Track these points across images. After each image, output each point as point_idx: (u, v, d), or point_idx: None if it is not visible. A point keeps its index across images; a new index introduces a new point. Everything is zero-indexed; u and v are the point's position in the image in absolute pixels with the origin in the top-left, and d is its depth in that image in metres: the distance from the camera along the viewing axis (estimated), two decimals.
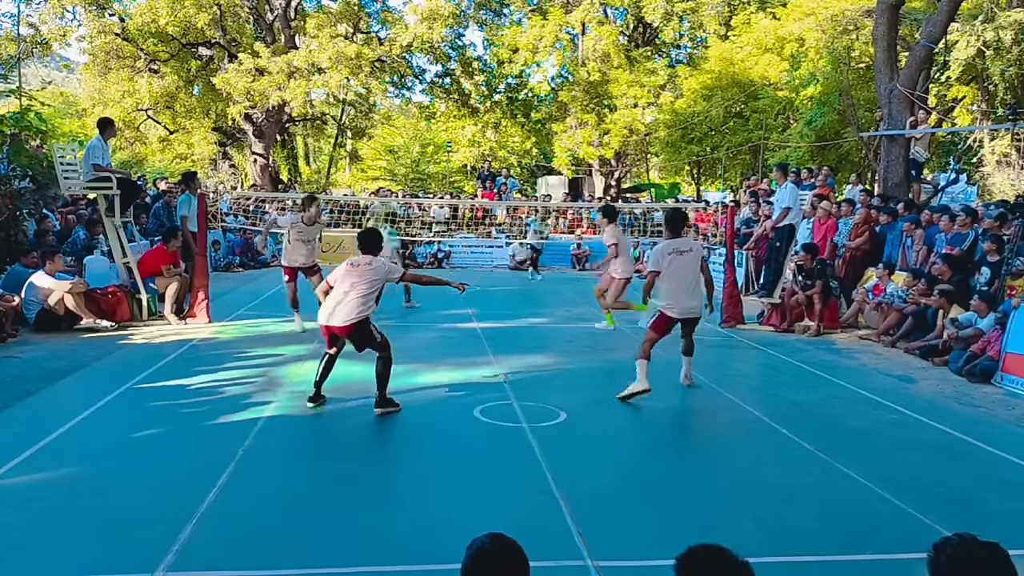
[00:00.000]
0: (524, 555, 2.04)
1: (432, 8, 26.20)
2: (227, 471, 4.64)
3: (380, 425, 5.71)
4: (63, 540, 3.74)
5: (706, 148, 25.35)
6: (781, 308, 10.36)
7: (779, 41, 23.84)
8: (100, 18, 25.54)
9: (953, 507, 4.42)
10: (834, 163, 19.04)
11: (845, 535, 4.03)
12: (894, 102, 14.19)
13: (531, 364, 7.82)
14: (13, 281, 8.97)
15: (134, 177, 14.50)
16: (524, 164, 33.96)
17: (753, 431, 5.85)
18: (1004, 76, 18.44)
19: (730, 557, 1.89)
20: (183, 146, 29.41)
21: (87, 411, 5.78)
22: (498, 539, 2.06)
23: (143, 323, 9.49)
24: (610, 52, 27.91)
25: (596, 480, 4.83)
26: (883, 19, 14.47)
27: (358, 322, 5.83)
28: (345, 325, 5.85)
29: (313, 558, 3.64)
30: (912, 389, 7.33)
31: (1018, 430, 6.06)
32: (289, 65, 24.89)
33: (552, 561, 3.63)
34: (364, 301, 5.85)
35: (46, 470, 4.63)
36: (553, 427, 5.76)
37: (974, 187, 16.78)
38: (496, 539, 2.06)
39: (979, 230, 9.60)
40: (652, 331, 6.65)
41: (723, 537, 2.00)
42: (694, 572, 1.90)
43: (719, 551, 1.91)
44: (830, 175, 15.20)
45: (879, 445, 5.59)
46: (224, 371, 7.17)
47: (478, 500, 4.43)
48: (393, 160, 39.73)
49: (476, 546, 2.05)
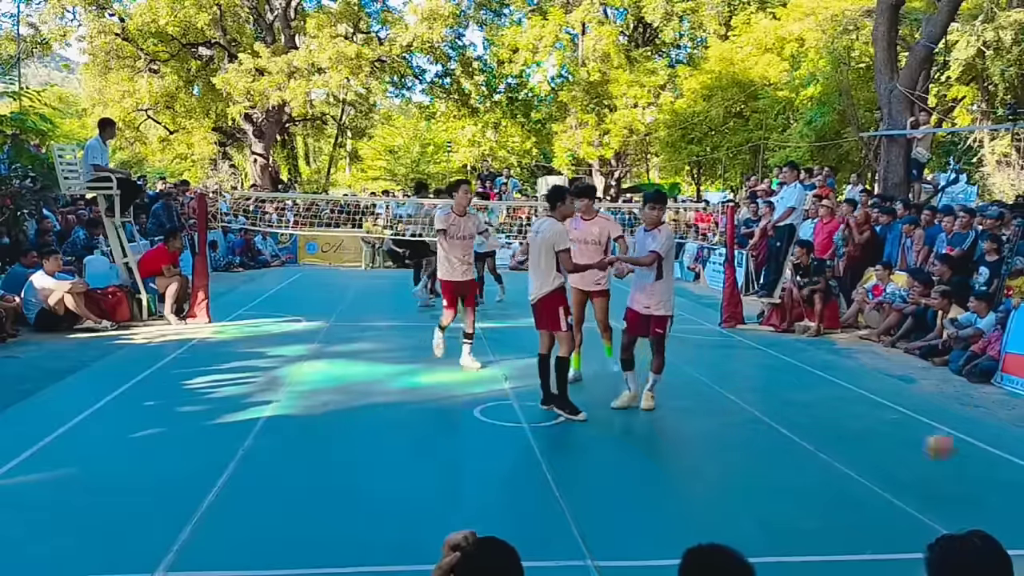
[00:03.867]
0: (513, 553, 1.99)
1: (432, 8, 26.20)
2: (227, 471, 4.63)
3: (380, 425, 5.70)
4: (63, 540, 3.73)
5: (706, 148, 25.35)
6: (781, 308, 10.36)
7: (779, 41, 23.85)
8: (100, 18, 25.55)
9: (953, 507, 4.42)
10: (834, 163, 19.03)
11: (845, 535, 4.03)
12: (894, 102, 14.20)
13: (531, 364, 7.78)
14: (13, 281, 8.97)
15: (134, 177, 14.49)
16: (524, 164, 33.96)
17: (753, 431, 5.84)
18: (1004, 76, 18.43)
19: (734, 557, 1.89)
20: (183, 146, 29.42)
21: (87, 411, 5.77)
22: (485, 540, 2.02)
23: (143, 323, 9.48)
24: (610, 52, 27.92)
25: (597, 480, 4.83)
26: (883, 19, 14.47)
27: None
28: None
29: (313, 558, 3.64)
30: (912, 389, 7.33)
31: (1018, 430, 6.06)
32: (289, 65, 24.89)
33: (552, 561, 3.63)
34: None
35: (46, 470, 4.62)
36: (553, 427, 5.76)
37: (974, 187, 16.77)
38: (483, 540, 2.02)
39: (979, 230, 9.60)
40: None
41: (723, 537, 2.00)
42: (697, 571, 1.90)
43: (722, 551, 1.91)
44: (830, 175, 15.20)
45: (879, 445, 5.58)
46: (224, 371, 7.16)
47: (478, 500, 4.43)
48: (393, 160, 39.75)
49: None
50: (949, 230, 9.88)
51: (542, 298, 5.95)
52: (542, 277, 5.92)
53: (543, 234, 5.88)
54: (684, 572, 1.90)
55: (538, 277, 5.96)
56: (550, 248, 5.80)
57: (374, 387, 6.70)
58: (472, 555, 1.92)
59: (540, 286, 5.94)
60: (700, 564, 1.90)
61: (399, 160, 39.47)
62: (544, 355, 6.02)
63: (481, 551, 1.93)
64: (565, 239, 5.84)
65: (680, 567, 1.91)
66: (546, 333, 6.03)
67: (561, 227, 5.86)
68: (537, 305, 6.02)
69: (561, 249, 5.80)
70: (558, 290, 5.94)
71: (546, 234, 5.85)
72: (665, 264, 6.10)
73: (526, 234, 17.84)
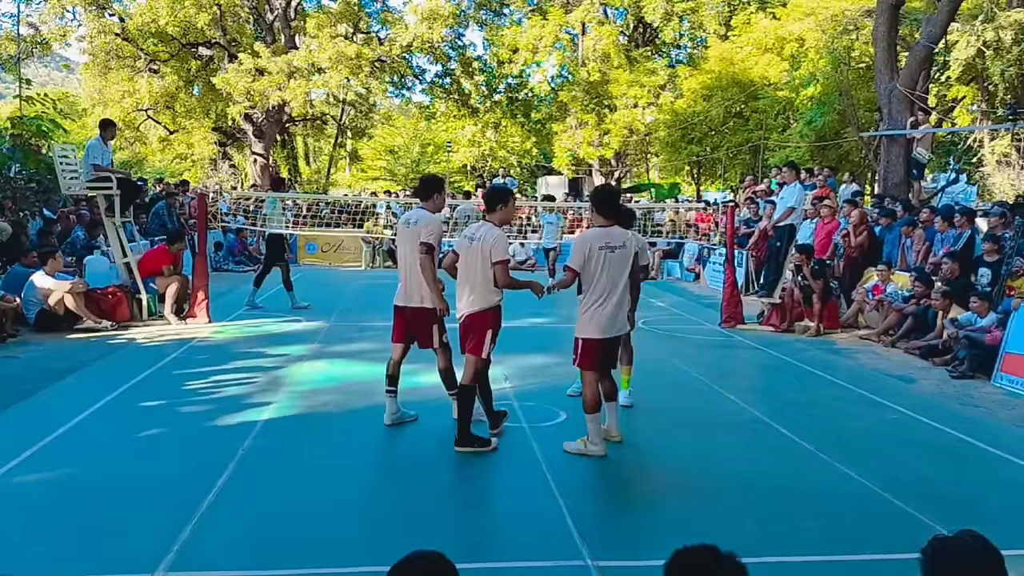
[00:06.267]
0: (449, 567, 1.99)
1: (432, 8, 26.22)
2: (227, 471, 4.63)
3: (379, 425, 5.70)
4: (63, 540, 3.73)
5: (706, 148, 25.35)
6: (781, 308, 10.36)
7: (779, 41, 23.85)
8: (100, 18, 25.56)
9: (953, 507, 4.42)
10: (834, 163, 19.03)
11: (845, 535, 4.03)
12: (894, 102, 14.20)
13: (531, 364, 7.81)
14: (13, 281, 8.97)
15: (134, 178, 14.50)
16: (524, 164, 33.96)
17: (753, 431, 5.84)
18: (1004, 76, 18.44)
19: (722, 558, 1.88)
20: (183, 146, 29.45)
21: (87, 411, 5.77)
22: (422, 554, 2.02)
23: (143, 323, 9.48)
24: (610, 52, 27.93)
25: (597, 480, 4.83)
26: (883, 19, 14.48)
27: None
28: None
29: (313, 558, 3.64)
30: (912, 389, 7.33)
31: (1018, 430, 6.06)
32: (289, 65, 24.90)
33: (552, 561, 3.63)
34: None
35: (46, 470, 4.62)
36: (553, 427, 5.76)
37: (974, 187, 16.77)
38: (420, 554, 2.02)
39: (976, 229, 9.60)
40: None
41: (723, 537, 2.00)
42: (681, 572, 1.89)
43: (709, 551, 1.90)
44: (830, 175, 15.21)
45: (879, 445, 5.58)
46: (224, 371, 7.17)
47: (478, 500, 4.43)
48: (393, 160, 39.78)
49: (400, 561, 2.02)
50: (943, 230, 9.87)
51: (473, 315, 5.08)
52: (477, 291, 5.04)
53: (480, 241, 5.01)
54: (669, 572, 1.89)
55: (471, 291, 5.06)
56: (487, 258, 4.95)
57: (374, 387, 6.68)
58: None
59: (473, 301, 5.06)
60: (685, 565, 1.89)
61: (399, 160, 39.49)
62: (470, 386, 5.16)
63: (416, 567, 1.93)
64: (505, 248, 4.99)
65: (665, 566, 1.90)
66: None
67: (500, 233, 5.01)
68: (465, 323, 5.13)
69: (498, 260, 4.93)
70: (493, 309, 5.09)
71: (485, 241, 4.98)
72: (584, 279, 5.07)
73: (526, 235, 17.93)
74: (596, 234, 5.01)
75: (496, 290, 5.05)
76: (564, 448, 5.16)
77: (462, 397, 5.16)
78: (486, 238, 4.99)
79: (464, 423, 5.13)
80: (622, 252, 4.99)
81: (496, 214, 5.11)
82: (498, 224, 5.09)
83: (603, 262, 4.93)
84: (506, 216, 5.16)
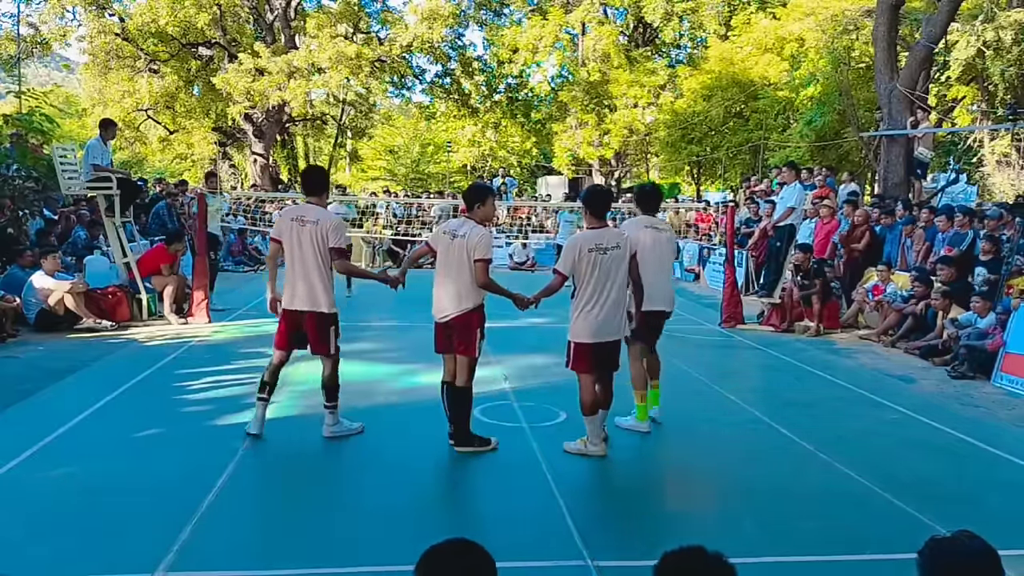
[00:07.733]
0: (484, 554, 1.95)
1: (432, 8, 26.21)
2: (227, 471, 4.63)
3: (379, 426, 5.70)
4: (63, 540, 3.73)
5: (706, 148, 25.35)
6: (781, 308, 10.36)
7: (779, 41, 23.84)
8: (100, 18, 25.53)
9: (953, 507, 4.42)
10: (834, 163, 19.04)
11: (845, 535, 4.03)
12: (894, 102, 14.21)
13: (531, 364, 7.81)
14: (13, 282, 8.96)
15: (134, 178, 14.48)
16: (524, 164, 33.96)
17: (753, 431, 5.84)
18: (1004, 76, 18.44)
19: (711, 559, 1.87)
20: (183, 146, 29.42)
21: (87, 411, 5.77)
22: (454, 541, 1.98)
23: (143, 323, 9.48)
24: (610, 52, 27.92)
25: (596, 480, 4.83)
26: (883, 19, 14.48)
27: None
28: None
29: (313, 558, 3.64)
30: (912, 389, 7.33)
31: (1018, 430, 6.06)
32: (289, 65, 24.88)
33: (552, 561, 3.63)
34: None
35: (46, 470, 4.62)
36: (553, 427, 5.76)
37: (974, 187, 16.78)
38: (452, 541, 1.98)
39: (978, 230, 9.60)
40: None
41: (723, 537, 2.00)
42: (673, 574, 1.88)
43: (698, 553, 1.89)
44: (830, 175, 15.21)
45: (879, 445, 5.58)
46: (224, 371, 7.16)
47: (478, 500, 4.43)
48: (393, 160, 39.76)
49: (431, 547, 1.97)
50: (945, 230, 9.87)
51: (460, 316, 4.97)
52: (461, 291, 4.93)
53: (464, 237, 4.89)
54: (659, 575, 1.89)
55: (454, 290, 4.95)
56: (472, 255, 4.87)
57: (374, 387, 6.69)
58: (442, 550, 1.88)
59: (458, 302, 4.95)
60: (675, 567, 1.88)
61: (399, 160, 39.46)
62: (450, 383, 5.15)
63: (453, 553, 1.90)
64: (488, 248, 4.91)
65: (655, 569, 1.89)
66: (451, 357, 5.12)
67: (485, 232, 4.93)
68: (450, 324, 5.01)
69: (479, 258, 4.85)
70: (478, 309, 5.02)
71: (470, 238, 4.87)
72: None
73: (527, 235, 17.93)
74: (587, 236, 4.97)
75: (480, 289, 4.99)
76: (564, 448, 5.18)
77: (461, 398, 5.14)
78: (471, 235, 4.89)
79: (464, 423, 5.16)
80: (615, 253, 4.93)
81: (476, 212, 5.04)
82: (479, 221, 5.00)
83: (594, 264, 4.89)
84: (485, 214, 5.06)
